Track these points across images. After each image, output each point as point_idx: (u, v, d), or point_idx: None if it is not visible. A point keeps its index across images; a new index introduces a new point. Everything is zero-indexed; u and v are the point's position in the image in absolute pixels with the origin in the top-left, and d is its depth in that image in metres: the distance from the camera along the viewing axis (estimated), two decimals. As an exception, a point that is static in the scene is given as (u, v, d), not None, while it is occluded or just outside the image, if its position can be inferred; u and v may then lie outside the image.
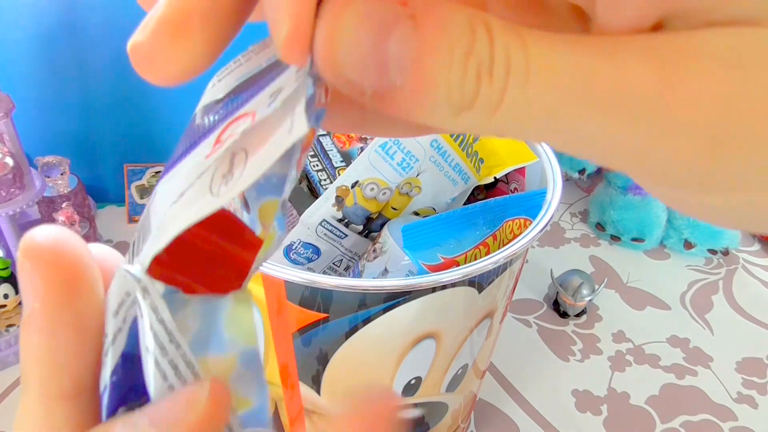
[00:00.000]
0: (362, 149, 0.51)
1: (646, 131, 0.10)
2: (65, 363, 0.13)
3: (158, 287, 0.12)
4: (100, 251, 0.14)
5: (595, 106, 0.10)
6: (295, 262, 0.46)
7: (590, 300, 0.66)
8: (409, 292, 0.33)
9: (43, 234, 0.13)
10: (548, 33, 0.11)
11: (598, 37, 0.10)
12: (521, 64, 0.10)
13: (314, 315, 0.34)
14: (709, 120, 0.10)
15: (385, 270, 0.42)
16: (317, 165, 0.51)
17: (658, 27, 0.11)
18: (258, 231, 0.15)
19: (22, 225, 0.71)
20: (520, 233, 0.36)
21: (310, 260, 0.46)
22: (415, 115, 0.11)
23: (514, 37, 0.10)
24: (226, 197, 0.11)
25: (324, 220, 0.46)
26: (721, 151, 0.10)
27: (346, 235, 0.47)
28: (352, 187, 0.46)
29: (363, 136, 0.53)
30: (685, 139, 0.10)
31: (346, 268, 0.48)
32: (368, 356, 0.37)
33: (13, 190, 0.59)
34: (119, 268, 0.13)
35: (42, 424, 0.13)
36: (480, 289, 0.36)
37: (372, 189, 0.46)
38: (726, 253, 0.76)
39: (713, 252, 0.76)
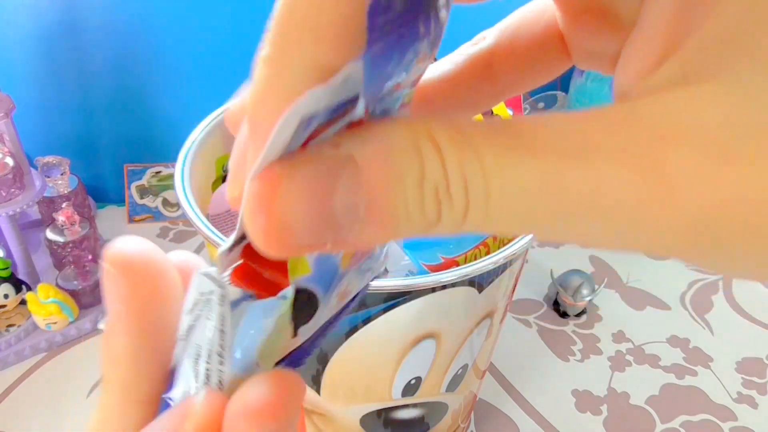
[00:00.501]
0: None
1: (632, 233, 0.09)
2: (146, 367, 0.13)
3: (233, 293, 0.12)
4: (182, 257, 0.14)
5: (570, 213, 0.09)
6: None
7: (590, 300, 0.66)
8: (409, 292, 0.33)
9: (128, 243, 0.13)
10: (505, 132, 0.10)
11: (559, 130, 0.09)
12: (479, 185, 0.09)
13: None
14: (705, 221, 0.09)
15: (385, 270, 0.42)
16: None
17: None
18: None
19: (22, 225, 0.71)
20: (520, 233, 0.36)
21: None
22: (384, 242, 0.11)
23: (467, 152, 0.09)
24: None
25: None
26: (718, 247, 0.09)
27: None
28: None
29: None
30: (676, 238, 0.09)
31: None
32: (368, 356, 0.37)
33: (13, 190, 0.59)
34: (198, 272, 0.12)
35: (118, 427, 0.13)
36: (480, 289, 0.36)
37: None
38: (726, 253, 0.76)
39: (713, 252, 0.76)
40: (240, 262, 0.13)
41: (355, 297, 0.15)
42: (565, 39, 0.15)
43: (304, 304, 0.12)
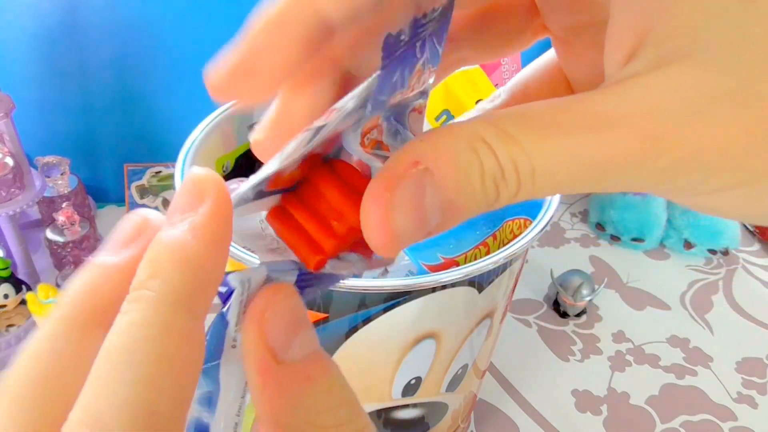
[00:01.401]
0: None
1: (636, 179, 0.12)
2: (214, 278, 0.13)
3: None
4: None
5: (595, 174, 0.12)
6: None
7: (590, 300, 0.66)
8: (409, 292, 0.33)
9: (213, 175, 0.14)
10: (536, 120, 0.12)
11: (575, 111, 0.12)
12: (526, 167, 0.12)
13: (314, 315, 0.35)
14: (681, 165, 0.12)
15: (385, 270, 0.42)
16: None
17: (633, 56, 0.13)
18: None
19: (22, 225, 0.71)
20: (520, 233, 0.36)
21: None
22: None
23: (512, 144, 0.12)
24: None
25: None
26: (690, 182, 0.12)
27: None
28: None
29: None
30: (664, 176, 0.12)
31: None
32: (368, 356, 0.37)
33: (13, 190, 0.59)
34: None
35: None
36: (480, 289, 0.36)
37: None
38: (726, 253, 0.76)
39: (713, 252, 0.76)
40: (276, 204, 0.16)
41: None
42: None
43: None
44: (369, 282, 0.32)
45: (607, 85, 0.13)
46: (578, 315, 0.68)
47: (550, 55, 0.18)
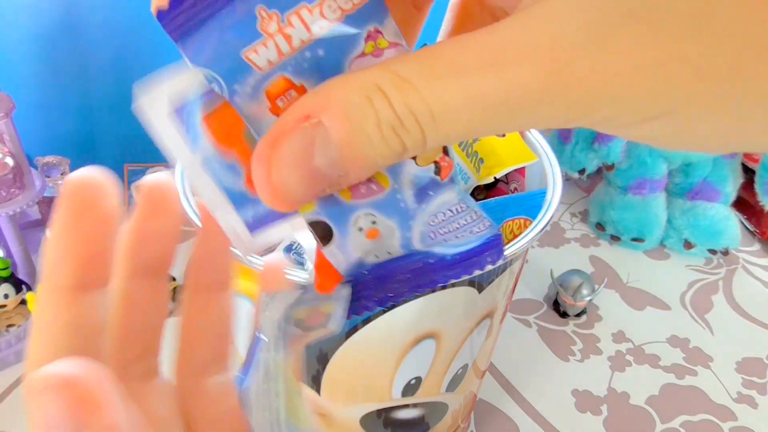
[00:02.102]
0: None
1: (540, 116, 0.12)
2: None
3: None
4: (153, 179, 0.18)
5: (497, 115, 0.12)
6: (295, 262, 0.46)
7: (590, 300, 0.66)
8: (409, 292, 0.33)
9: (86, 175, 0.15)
10: (431, 61, 0.12)
11: (470, 47, 0.12)
12: (425, 113, 0.12)
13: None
14: (585, 95, 0.11)
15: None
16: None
17: None
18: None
19: (22, 225, 0.71)
20: (520, 233, 0.36)
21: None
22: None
23: (407, 90, 0.12)
24: None
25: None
26: (592, 108, 0.12)
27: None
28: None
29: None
30: (567, 110, 0.12)
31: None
32: (368, 356, 0.37)
33: (13, 190, 0.59)
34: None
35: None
36: (480, 289, 0.36)
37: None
38: (726, 253, 0.76)
39: (713, 252, 0.76)
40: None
41: (464, 253, 0.17)
42: None
43: (319, 231, 0.15)
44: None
45: (513, 16, 0.12)
46: (578, 315, 0.68)
47: None
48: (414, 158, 0.15)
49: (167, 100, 0.15)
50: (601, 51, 0.11)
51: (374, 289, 0.17)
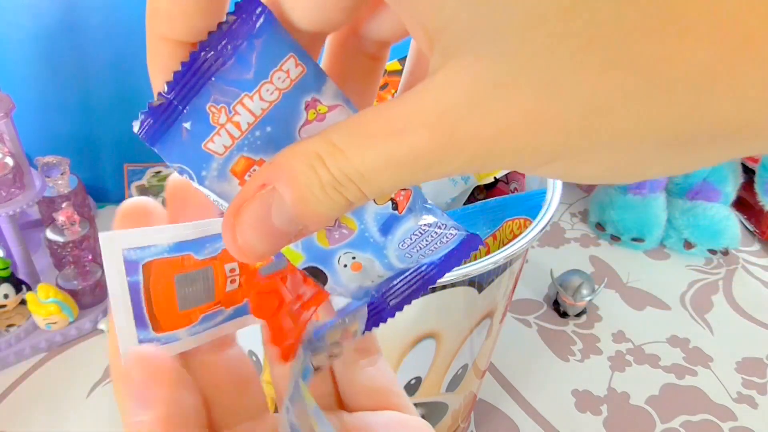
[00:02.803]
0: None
1: (436, 171, 0.14)
2: None
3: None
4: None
5: (407, 174, 0.14)
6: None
7: (590, 300, 0.66)
8: (409, 292, 0.33)
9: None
10: (356, 130, 0.14)
11: (386, 116, 0.13)
12: (356, 174, 0.14)
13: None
14: (473, 156, 0.13)
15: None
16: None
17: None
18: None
19: (22, 225, 0.71)
20: (520, 233, 0.36)
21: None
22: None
23: (339, 157, 0.14)
24: None
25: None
26: (482, 163, 0.14)
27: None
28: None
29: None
30: (460, 165, 0.14)
31: (346, 268, 0.48)
32: (368, 356, 0.37)
33: (13, 190, 0.59)
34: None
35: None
36: (480, 289, 0.36)
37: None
38: (726, 253, 0.76)
39: (713, 252, 0.76)
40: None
41: (437, 263, 0.20)
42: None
43: (315, 275, 0.19)
44: (369, 282, 0.32)
45: (419, 85, 0.14)
46: (578, 315, 0.68)
47: None
48: (374, 200, 0.18)
49: (123, 242, 0.19)
50: (479, 114, 0.12)
51: (383, 303, 0.20)
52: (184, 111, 0.16)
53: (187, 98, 0.15)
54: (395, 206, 0.18)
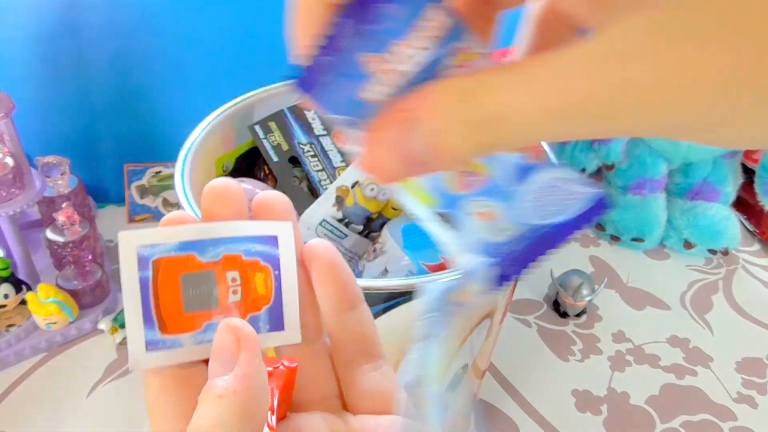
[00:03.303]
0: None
1: (611, 127, 0.14)
2: None
3: None
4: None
5: (560, 120, 0.13)
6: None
7: (590, 300, 0.66)
8: (409, 292, 0.33)
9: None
10: (515, 72, 0.14)
11: (553, 60, 0.13)
12: (504, 115, 0.14)
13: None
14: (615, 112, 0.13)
15: (385, 270, 0.42)
16: (317, 165, 0.51)
17: None
18: None
19: (22, 225, 0.71)
20: (520, 233, 0.36)
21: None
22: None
23: (489, 95, 0.14)
24: None
25: (324, 220, 0.46)
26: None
27: (346, 235, 0.47)
28: (352, 187, 0.46)
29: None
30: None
31: (346, 268, 0.48)
32: (368, 356, 0.37)
33: (13, 190, 0.59)
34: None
35: None
36: (480, 289, 0.36)
37: (372, 189, 0.46)
38: (726, 253, 0.76)
39: (713, 252, 0.76)
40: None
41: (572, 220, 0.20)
42: None
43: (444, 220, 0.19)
44: (369, 282, 0.32)
45: (584, 38, 0.14)
46: (578, 315, 0.68)
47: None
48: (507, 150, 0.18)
49: (138, 242, 0.19)
50: (645, 64, 0.12)
51: (508, 263, 0.20)
52: (338, 61, 0.16)
53: (340, 49, 0.16)
54: (529, 158, 0.18)
